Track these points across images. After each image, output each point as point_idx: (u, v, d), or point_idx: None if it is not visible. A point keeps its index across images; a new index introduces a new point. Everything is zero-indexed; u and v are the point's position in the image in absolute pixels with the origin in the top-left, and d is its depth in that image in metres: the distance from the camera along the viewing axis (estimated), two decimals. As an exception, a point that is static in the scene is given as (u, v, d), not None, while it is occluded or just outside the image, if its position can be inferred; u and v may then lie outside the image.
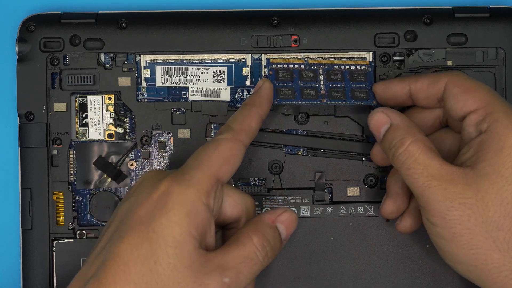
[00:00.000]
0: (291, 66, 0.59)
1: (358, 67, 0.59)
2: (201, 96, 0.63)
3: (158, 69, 0.63)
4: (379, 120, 0.57)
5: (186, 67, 0.63)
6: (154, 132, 0.63)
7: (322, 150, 0.63)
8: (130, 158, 0.63)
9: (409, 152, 0.54)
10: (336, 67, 0.59)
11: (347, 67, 0.60)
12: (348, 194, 0.63)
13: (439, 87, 0.56)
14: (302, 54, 0.62)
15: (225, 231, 0.56)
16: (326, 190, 0.63)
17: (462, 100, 0.55)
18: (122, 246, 0.51)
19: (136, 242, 0.51)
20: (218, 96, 0.63)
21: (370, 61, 0.61)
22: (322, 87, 0.58)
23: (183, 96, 0.63)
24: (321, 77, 0.58)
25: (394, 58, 0.62)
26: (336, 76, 0.59)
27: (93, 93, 0.63)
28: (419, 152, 0.54)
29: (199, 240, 0.52)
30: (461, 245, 0.53)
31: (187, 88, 0.63)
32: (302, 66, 0.59)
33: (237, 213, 0.55)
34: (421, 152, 0.54)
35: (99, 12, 0.62)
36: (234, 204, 0.55)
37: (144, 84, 0.63)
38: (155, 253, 0.50)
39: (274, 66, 0.58)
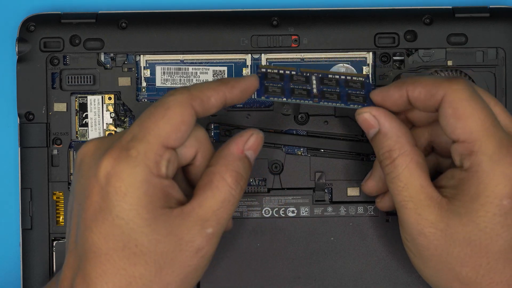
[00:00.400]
0: (281, 72, 0.57)
1: (354, 78, 0.58)
2: (201, 96, 0.63)
3: (158, 69, 0.63)
4: (366, 123, 0.55)
5: (186, 67, 0.63)
6: (154, 132, 0.63)
7: (322, 150, 0.63)
8: (130, 158, 0.63)
9: (394, 166, 0.53)
10: (330, 76, 0.58)
11: (342, 77, 0.58)
12: (348, 194, 0.63)
13: (436, 99, 0.53)
14: (302, 54, 0.62)
15: (185, 168, 0.54)
16: (326, 190, 0.63)
17: (451, 126, 0.52)
18: (94, 237, 0.50)
19: (107, 231, 0.50)
20: (218, 96, 0.63)
21: (367, 74, 0.60)
22: (314, 90, 0.57)
23: (183, 96, 0.63)
24: (314, 82, 0.57)
25: (394, 58, 0.62)
26: (330, 82, 0.58)
27: (93, 93, 0.63)
28: (403, 167, 0.53)
29: (168, 205, 0.51)
30: (427, 266, 0.54)
31: (187, 88, 0.63)
32: (293, 73, 0.57)
33: (193, 152, 0.53)
34: (405, 168, 0.53)
35: (99, 12, 0.62)
36: (186, 149, 0.53)
37: (144, 84, 0.63)
38: (132, 237, 0.50)
39: (263, 70, 0.57)
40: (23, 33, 0.62)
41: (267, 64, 0.63)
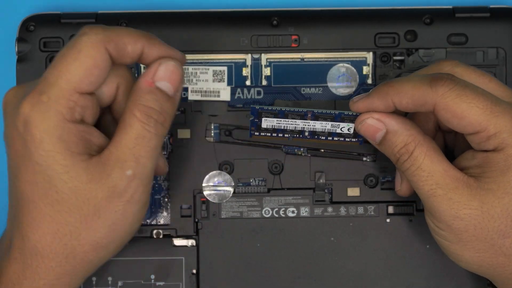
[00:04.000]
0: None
1: (347, 139, 0.58)
2: (201, 96, 0.63)
3: (158, 69, 0.63)
4: (371, 128, 0.54)
5: (186, 67, 0.63)
6: (154, 132, 0.63)
7: (322, 150, 0.63)
8: (130, 158, 0.63)
9: (414, 159, 0.53)
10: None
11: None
12: (348, 194, 0.63)
13: (427, 107, 0.52)
14: (302, 54, 0.62)
15: (112, 107, 0.54)
16: (326, 190, 0.63)
17: (458, 125, 0.52)
18: (21, 185, 0.50)
19: (30, 178, 0.50)
20: (218, 96, 0.63)
21: (360, 140, 0.58)
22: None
23: (183, 96, 0.63)
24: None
25: (394, 58, 0.62)
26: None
27: (93, 93, 0.63)
28: (423, 157, 0.53)
29: (88, 151, 0.50)
30: (467, 248, 0.53)
31: (187, 88, 0.63)
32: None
33: (113, 89, 0.52)
34: (425, 157, 0.53)
35: (99, 12, 0.62)
36: (107, 87, 0.52)
37: (144, 84, 0.63)
38: (52, 184, 0.49)
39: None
40: (23, 33, 0.62)
41: (267, 64, 0.63)
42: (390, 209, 0.63)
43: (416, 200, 0.62)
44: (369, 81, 0.63)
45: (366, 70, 0.63)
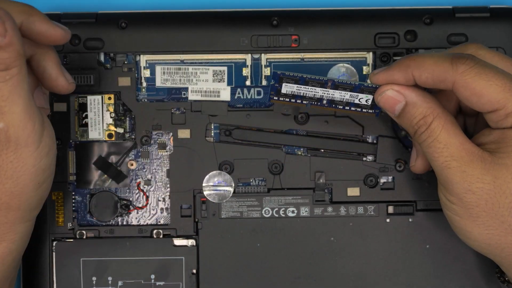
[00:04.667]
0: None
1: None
2: (201, 96, 0.63)
3: (158, 69, 0.63)
4: (391, 99, 0.54)
5: (186, 67, 0.63)
6: (154, 132, 0.63)
7: (322, 150, 0.63)
8: (130, 158, 0.63)
9: (431, 130, 0.53)
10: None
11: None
12: (348, 194, 0.63)
13: (447, 85, 0.53)
14: (302, 54, 0.62)
15: None
16: (326, 190, 0.63)
17: (477, 103, 0.53)
18: None
19: None
20: (218, 96, 0.63)
21: (377, 112, 0.59)
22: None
23: (183, 96, 0.63)
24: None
25: (394, 58, 0.62)
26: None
27: (93, 93, 0.63)
28: (440, 129, 0.53)
29: None
30: (477, 224, 0.53)
31: (187, 88, 0.63)
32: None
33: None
34: (443, 129, 0.53)
35: (99, 12, 0.62)
36: None
37: (144, 84, 0.63)
38: None
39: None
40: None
41: (267, 64, 0.63)
42: (390, 209, 0.63)
43: (416, 200, 0.63)
44: (369, 81, 0.63)
45: (366, 70, 0.63)
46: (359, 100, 0.57)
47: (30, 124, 0.52)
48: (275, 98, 0.58)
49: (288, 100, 0.58)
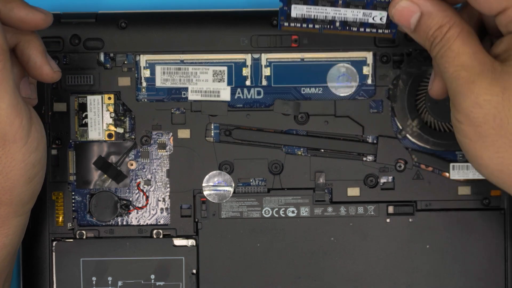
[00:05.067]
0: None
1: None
2: (201, 96, 0.63)
3: (158, 69, 0.63)
4: (405, 11, 0.51)
5: (186, 67, 0.63)
6: (154, 132, 0.63)
7: (322, 150, 0.63)
8: (130, 158, 0.63)
9: (446, 40, 0.50)
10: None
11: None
12: (348, 194, 0.63)
13: None
14: (302, 54, 0.62)
15: None
16: (326, 190, 0.63)
17: (484, 4, 0.49)
18: None
19: None
20: (218, 96, 0.63)
21: (393, 32, 0.55)
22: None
23: (183, 96, 0.63)
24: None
25: (394, 58, 0.62)
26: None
27: (93, 93, 0.63)
28: (455, 37, 0.50)
29: None
30: (486, 146, 0.50)
31: (187, 88, 0.63)
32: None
33: None
34: (457, 38, 0.50)
35: (99, 12, 0.62)
36: None
37: (144, 84, 0.63)
38: None
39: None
40: (23, 33, 0.62)
41: (267, 64, 0.63)
42: (390, 209, 0.63)
43: (416, 200, 0.63)
44: (369, 81, 0.63)
45: (366, 70, 0.63)
46: (373, 18, 0.53)
47: (18, 120, 0.53)
48: (285, 24, 0.55)
49: (299, 25, 0.55)
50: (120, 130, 0.63)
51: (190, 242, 0.63)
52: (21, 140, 0.53)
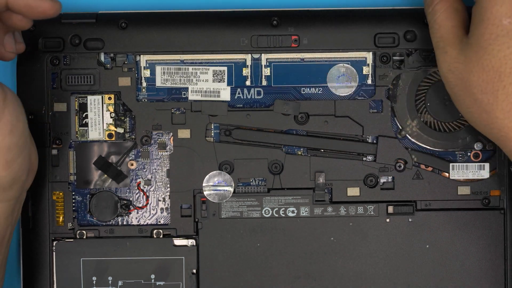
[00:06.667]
0: None
1: None
2: (201, 96, 0.63)
3: (158, 69, 0.63)
4: None
5: (186, 67, 0.63)
6: (154, 132, 0.63)
7: (322, 150, 0.63)
8: (130, 158, 0.63)
9: (434, 12, 0.57)
10: None
11: None
12: (348, 194, 0.63)
13: None
14: (302, 54, 0.62)
15: None
16: (326, 190, 0.63)
17: None
18: None
19: None
20: (218, 96, 0.63)
21: None
22: None
23: (183, 96, 0.63)
24: None
25: (394, 58, 0.62)
26: None
27: (93, 93, 0.63)
28: (441, 11, 0.57)
29: None
30: (460, 104, 0.57)
31: (187, 88, 0.63)
32: None
33: None
34: (443, 12, 0.57)
35: (99, 12, 0.62)
36: None
37: (144, 84, 0.63)
38: None
39: None
40: (23, 33, 0.62)
41: (267, 64, 0.63)
42: (390, 209, 0.63)
43: (416, 200, 0.63)
44: (369, 81, 0.63)
45: (366, 70, 0.63)
46: None
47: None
48: None
49: None
50: (121, 130, 0.63)
51: (190, 242, 0.63)
52: (16, 124, 0.53)
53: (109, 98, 0.63)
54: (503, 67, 0.54)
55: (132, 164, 0.63)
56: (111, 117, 0.63)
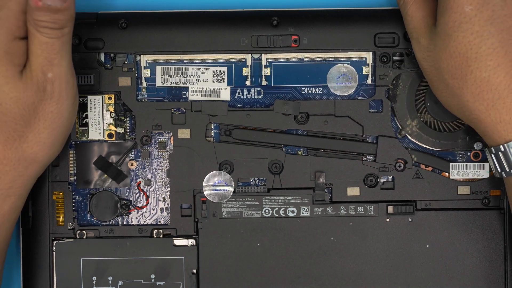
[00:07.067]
0: None
1: None
2: (201, 96, 0.63)
3: (158, 69, 0.63)
4: None
5: (186, 67, 0.63)
6: (154, 132, 0.63)
7: (322, 150, 0.63)
8: (130, 158, 0.63)
9: (405, 3, 0.59)
10: None
11: None
12: (348, 194, 0.63)
13: None
14: (302, 54, 0.62)
15: None
16: (326, 190, 0.63)
17: None
18: None
19: None
20: (218, 96, 0.63)
21: None
22: None
23: (183, 96, 0.63)
24: None
25: (394, 58, 0.62)
26: None
27: (93, 93, 0.63)
28: (411, 3, 0.58)
29: (22, 63, 0.56)
30: (435, 89, 0.58)
31: (187, 88, 0.63)
32: None
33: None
34: (413, 4, 0.58)
35: (99, 12, 0.62)
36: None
37: (144, 84, 0.63)
38: None
39: None
40: (23, 33, 0.62)
41: (267, 64, 0.63)
42: (390, 209, 0.63)
43: (416, 200, 0.63)
44: (369, 81, 0.63)
45: (365, 70, 0.63)
46: None
47: (72, 80, 0.57)
48: None
49: None
50: (121, 130, 0.63)
51: (190, 242, 0.63)
52: (72, 98, 0.57)
53: (109, 98, 0.63)
54: (468, 53, 0.55)
55: (132, 164, 0.63)
56: (111, 117, 0.63)
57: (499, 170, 0.57)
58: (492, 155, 0.57)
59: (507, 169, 0.56)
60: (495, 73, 0.55)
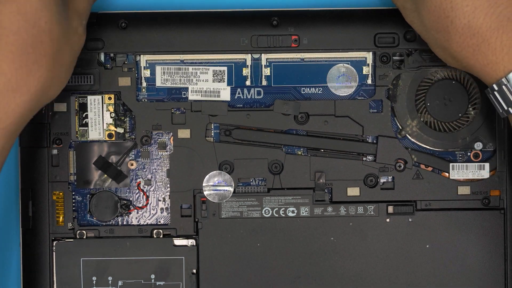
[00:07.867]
0: None
1: None
2: (201, 96, 0.63)
3: (158, 69, 0.63)
4: None
5: (186, 67, 0.63)
6: (154, 132, 0.63)
7: (322, 150, 0.63)
8: (130, 158, 0.63)
9: None
10: None
11: None
12: (348, 194, 0.63)
13: None
14: (302, 54, 0.62)
15: None
16: (326, 190, 0.63)
17: None
18: (4, 18, 0.53)
19: (16, 9, 0.53)
20: (218, 96, 0.63)
21: None
22: None
23: (183, 96, 0.63)
24: None
25: (394, 58, 0.62)
26: None
27: (93, 93, 0.63)
28: None
29: None
30: (432, 48, 0.58)
31: (187, 88, 0.63)
32: None
33: None
34: None
35: (99, 12, 0.62)
36: None
37: (144, 84, 0.63)
38: (37, 17, 0.54)
39: None
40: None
41: (267, 64, 0.63)
42: (390, 209, 0.63)
43: (416, 200, 0.63)
44: (369, 81, 0.63)
45: (366, 70, 0.63)
46: None
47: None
48: None
49: None
50: (121, 130, 0.63)
51: (190, 242, 0.63)
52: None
53: (109, 98, 0.63)
54: (443, 4, 0.55)
55: (132, 164, 0.63)
56: (111, 117, 0.63)
57: (500, 110, 0.57)
58: (491, 96, 0.57)
59: (506, 107, 0.56)
60: (474, 17, 0.55)
